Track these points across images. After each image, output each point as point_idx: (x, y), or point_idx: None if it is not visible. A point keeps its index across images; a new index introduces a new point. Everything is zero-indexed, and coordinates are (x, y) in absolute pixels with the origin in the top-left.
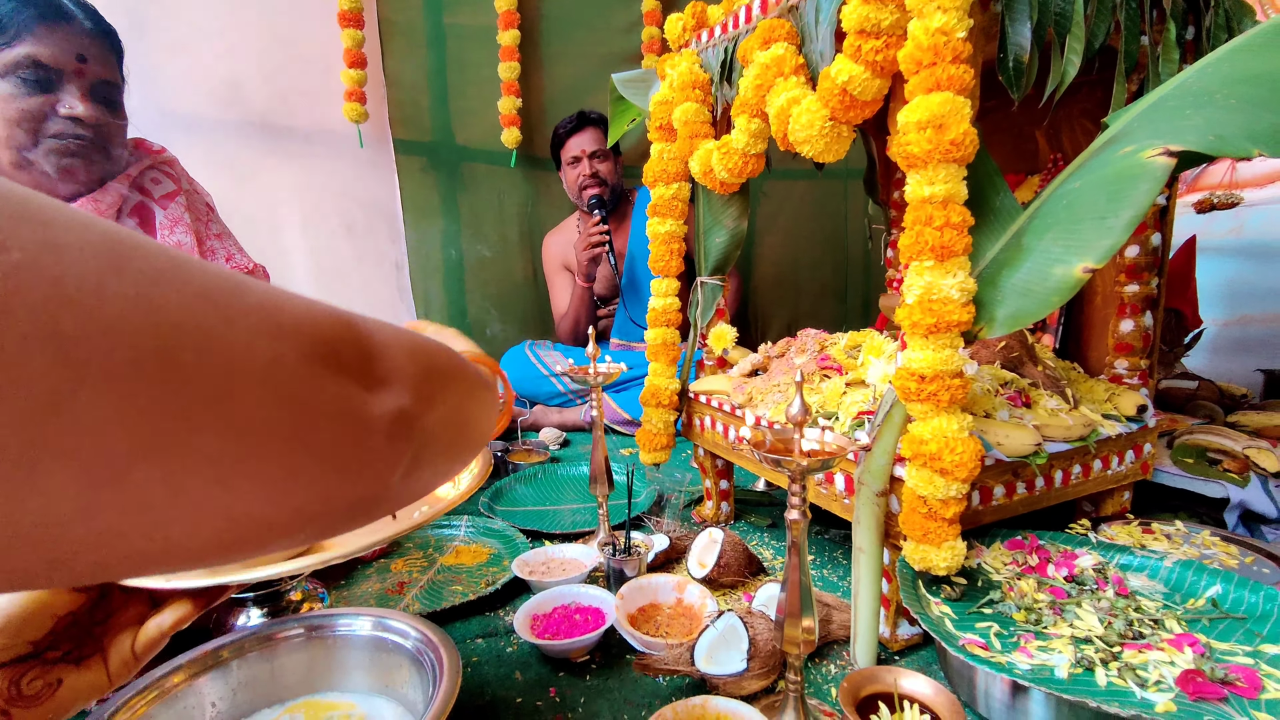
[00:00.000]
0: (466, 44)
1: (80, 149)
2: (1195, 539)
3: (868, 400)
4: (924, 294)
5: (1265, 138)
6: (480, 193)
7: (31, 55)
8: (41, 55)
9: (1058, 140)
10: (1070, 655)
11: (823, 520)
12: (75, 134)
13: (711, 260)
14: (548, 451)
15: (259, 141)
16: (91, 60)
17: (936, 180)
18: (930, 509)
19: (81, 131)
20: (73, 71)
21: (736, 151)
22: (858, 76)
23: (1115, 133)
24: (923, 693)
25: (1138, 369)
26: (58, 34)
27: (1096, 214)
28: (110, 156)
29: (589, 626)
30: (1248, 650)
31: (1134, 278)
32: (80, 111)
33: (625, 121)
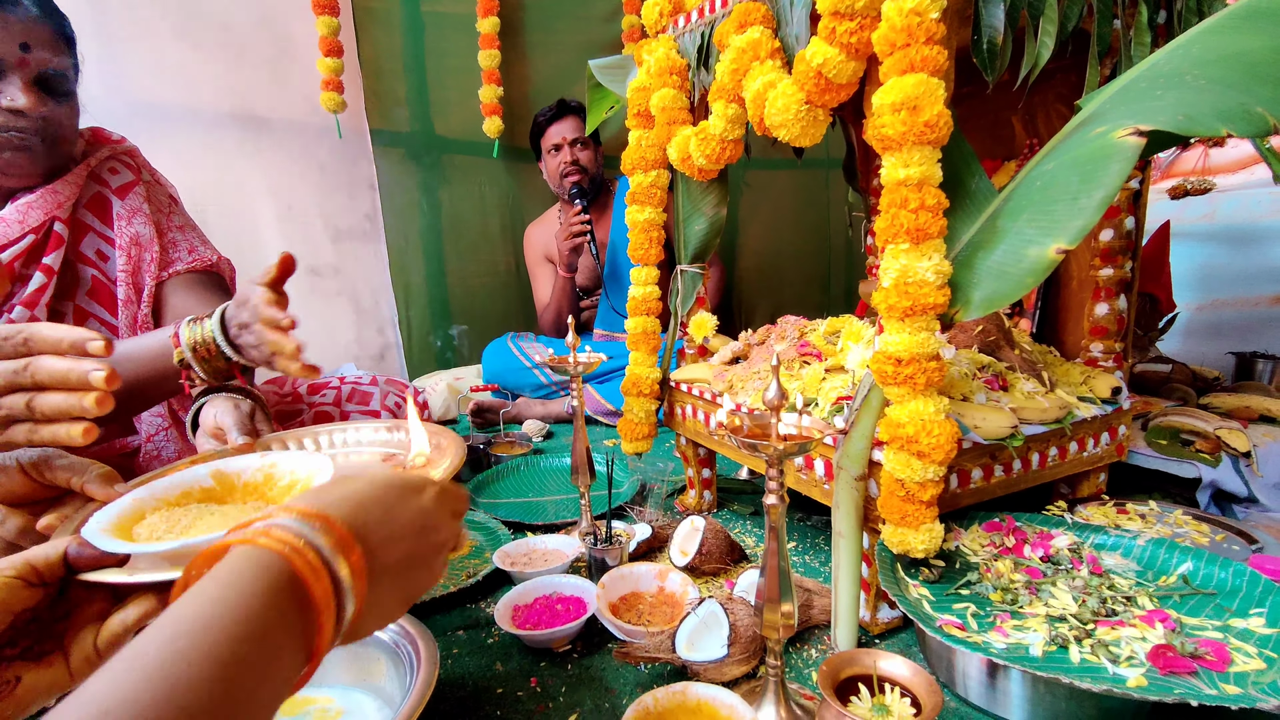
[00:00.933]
0: (445, 32)
1: (24, 143)
2: (1168, 518)
3: (847, 385)
4: (900, 277)
5: (1234, 117)
6: (461, 184)
7: None
8: None
9: (1033, 126)
10: (1045, 634)
11: (804, 507)
12: (18, 127)
13: (691, 248)
14: (530, 444)
15: (233, 132)
16: (36, 48)
17: (911, 163)
18: (908, 492)
19: (24, 124)
20: (15, 62)
21: (714, 138)
22: (833, 59)
23: (1088, 115)
24: (901, 674)
25: (1112, 352)
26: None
27: (1069, 195)
28: (58, 149)
29: (570, 616)
30: (1217, 625)
31: (1108, 261)
32: (22, 104)
33: (603, 109)
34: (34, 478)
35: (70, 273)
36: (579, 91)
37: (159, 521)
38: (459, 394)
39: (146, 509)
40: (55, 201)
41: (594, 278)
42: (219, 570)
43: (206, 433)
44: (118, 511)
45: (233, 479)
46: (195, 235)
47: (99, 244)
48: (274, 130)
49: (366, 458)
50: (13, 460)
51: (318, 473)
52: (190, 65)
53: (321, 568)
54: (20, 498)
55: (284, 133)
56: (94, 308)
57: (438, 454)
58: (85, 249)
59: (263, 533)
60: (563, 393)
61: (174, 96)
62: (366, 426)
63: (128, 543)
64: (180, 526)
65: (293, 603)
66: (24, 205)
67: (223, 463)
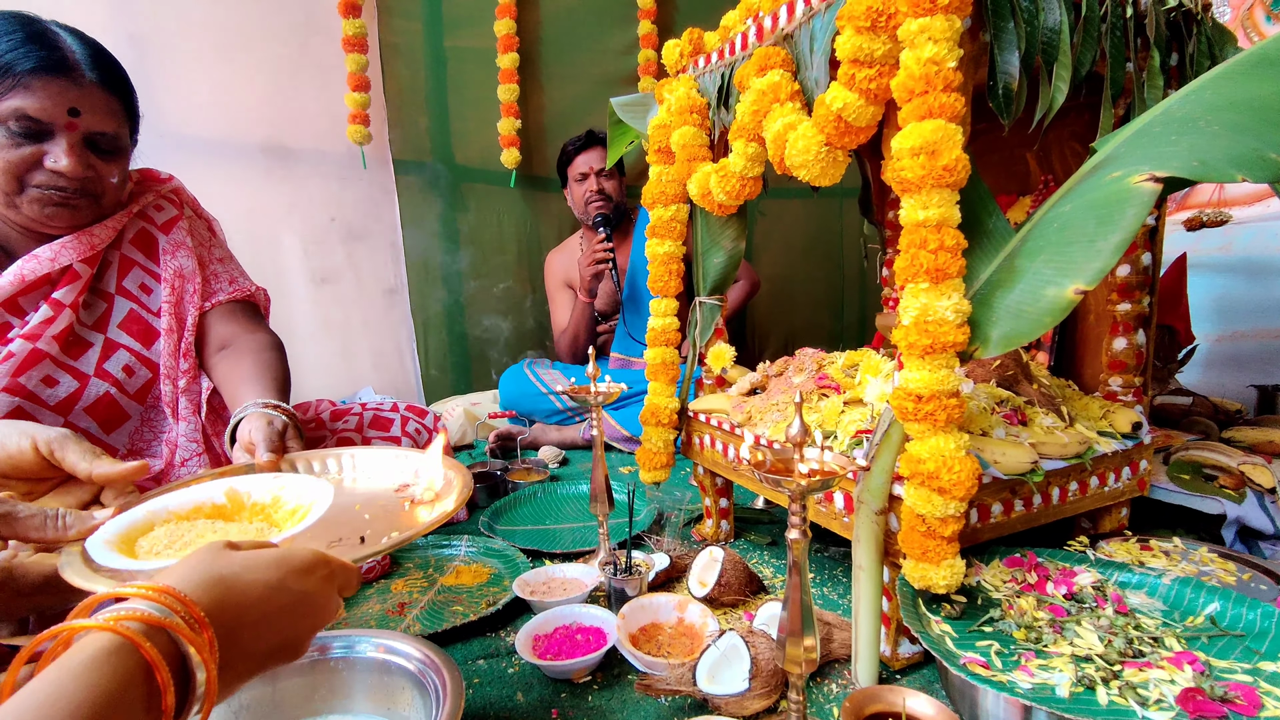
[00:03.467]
0: (466, 66)
1: (63, 200)
2: (1193, 555)
3: (865, 419)
4: (920, 315)
5: (1248, 163)
6: (479, 213)
7: (21, 109)
8: (30, 109)
9: (1048, 162)
10: (1071, 674)
11: (823, 538)
12: (58, 186)
13: (710, 280)
14: (547, 470)
15: (261, 163)
16: (86, 113)
17: (930, 205)
18: (929, 527)
19: (64, 184)
20: (63, 125)
21: (734, 175)
22: (852, 104)
23: (1103, 158)
24: (925, 712)
25: (1132, 386)
26: (52, 87)
27: (1086, 237)
28: (101, 202)
29: (591, 647)
30: (1247, 668)
31: (1126, 296)
32: (64, 166)
33: (624, 144)
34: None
35: (106, 305)
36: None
37: (163, 536)
38: (476, 420)
39: (157, 521)
40: (89, 245)
41: (613, 303)
42: (68, 659)
43: (241, 447)
44: (129, 522)
45: (243, 498)
46: (235, 267)
47: (143, 278)
48: (301, 161)
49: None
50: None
51: (319, 500)
52: (223, 100)
53: (171, 650)
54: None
55: (311, 163)
56: (123, 338)
57: (446, 489)
58: (128, 284)
59: (114, 618)
60: (578, 418)
61: (207, 129)
62: (386, 453)
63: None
64: (181, 543)
65: (139, 686)
66: (59, 246)
67: (237, 480)
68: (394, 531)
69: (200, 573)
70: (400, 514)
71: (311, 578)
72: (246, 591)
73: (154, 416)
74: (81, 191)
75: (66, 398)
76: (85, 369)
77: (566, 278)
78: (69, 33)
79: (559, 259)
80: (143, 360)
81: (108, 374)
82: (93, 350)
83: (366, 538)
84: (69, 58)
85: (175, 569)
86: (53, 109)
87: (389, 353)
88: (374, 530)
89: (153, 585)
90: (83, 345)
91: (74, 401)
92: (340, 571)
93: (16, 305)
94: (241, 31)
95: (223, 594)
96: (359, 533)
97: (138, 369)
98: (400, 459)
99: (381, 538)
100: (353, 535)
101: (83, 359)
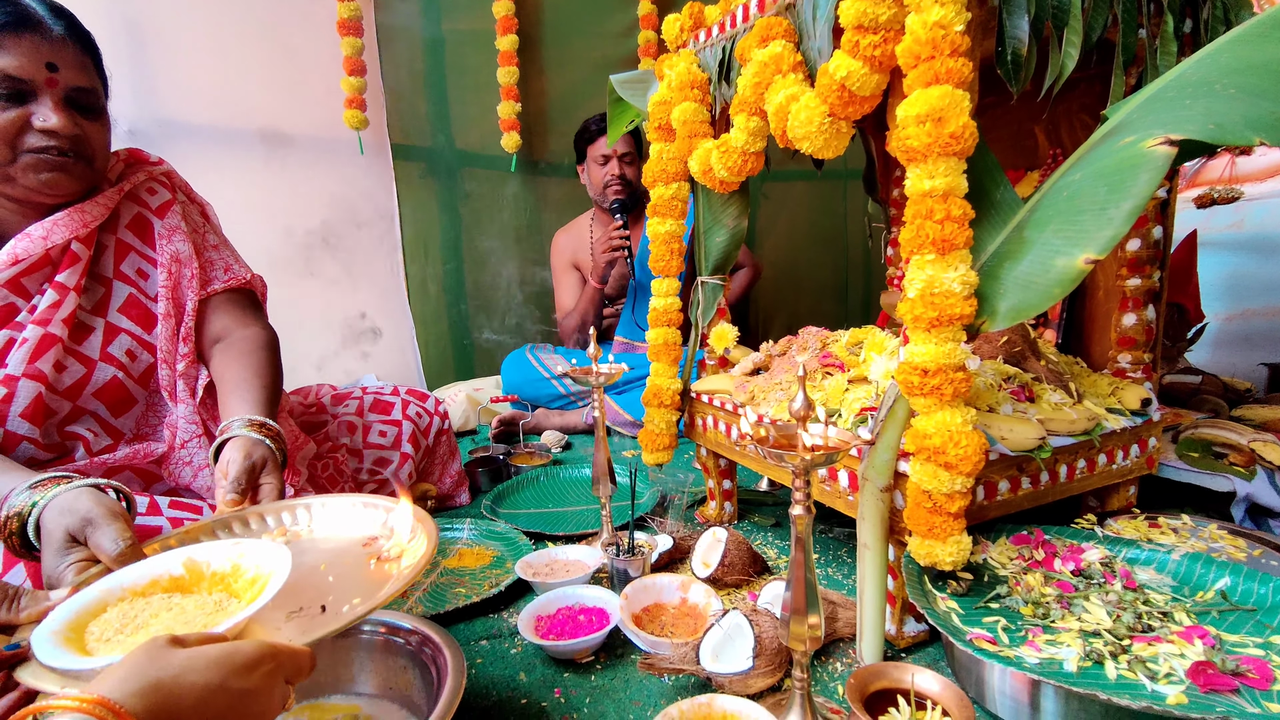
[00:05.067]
0: (465, 49)
1: (59, 162)
2: (1202, 532)
3: (870, 396)
4: (925, 287)
5: (1265, 126)
6: (480, 198)
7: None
8: (9, 68)
9: (1057, 135)
10: (1079, 649)
11: (828, 519)
12: (52, 146)
13: (712, 260)
14: (549, 454)
15: (259, 149)
16: (63, 67)
17: (936, 174)
18: (935, 503)
19: (59, 144)
20: (44, 82)
21: (736, 150)
22: (856, 72)
23: (1115, 124)
24: (930, 688)
25: (1141, 363)
26: (25, 43)
27: (1097, 205)
28: (94, 165)
29: (593, 627)
30: (1258, 642)
31: (1135, 271)
32: (55, 124)
33: (624, 123)
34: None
35: (104, 289)
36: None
37: (115, 618)
38: (478, 404)
39: (111, 600)
40: (81, 221)
41: (621, 287)
42: None
43: (220, 471)
44: (81, 605)
45: (201, 568)
46: (230, 253)
47: (140, 263)
48: (298, 146)
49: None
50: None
51: (278, 571)
52: (219, 85)
53: None
54: None
55: (307, 149)
56: (123, 323)
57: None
58: (125, 268)
59: None
60: (581, 403)
61: (203, 115)
62: (346, 501)
63: (69, 652)
64: (134, 625)
65: None
66: (50, 223)
67: (194, 550)
68: (356, 598)
69: (137, 678)
70: (365, 573)
71: (256, 674)
72: (184, 696)
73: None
74: (75, 152)
75: (75, 383)
76: (90, 354)
77: (574, 259)
78: None
79: (565, 239)
80: (143, 344)
81: (112, 358)
82: (95, 335)
83: (328, 605)
84: (33, 13)
85: (113, 672)
86: (30, 66)
87: (389, 339)
88: (336, 596)
89: (85, 696)
90: (85, 330)
91: (83, 386)
92: (289, 660)
93: (20, 286)
94: (238, 16)
95: (159, 700)
96: (322, 598)
97: (139, 353)
98: (368, 508)
99: (343, 605)
100: (314, 603)
101: (86, 344)
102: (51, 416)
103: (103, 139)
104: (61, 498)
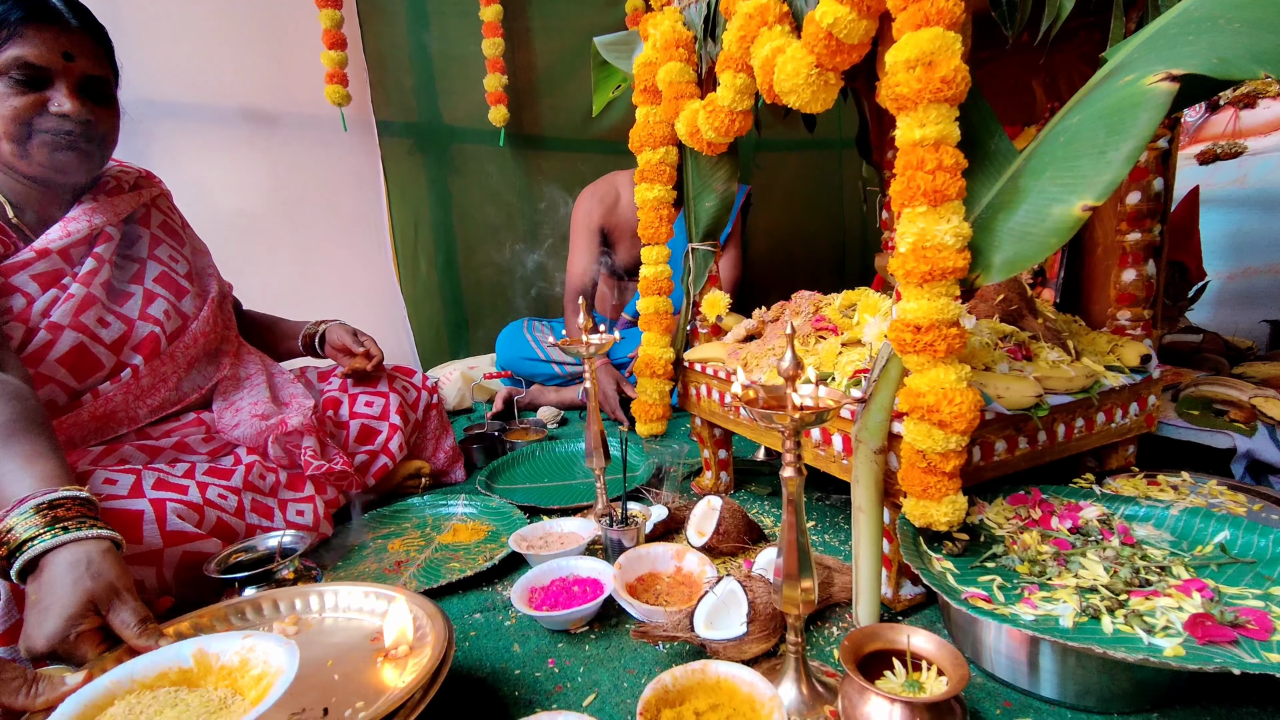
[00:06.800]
0: (448, 21)
1: (71, 143)
2: (1202, 489)
3: (864, 359)
4: (917, 241)
5: (1270, 58)
6: (468, 173)
7: (21, 57)
8: (30, 56)
9: (1055, 89)
10: (1075, 604)
11: (823, 485)
12: (65, 130)
13: (702, 226)
14: (545, 430)
15: (241, 128)
16: (79, 57)
17: (928, 121)
18: (930, 463)
19: (71, 127)
20: (60, 70)
21: (723, 110)
22: (843, 18)
23: (1116, 64)
24: (925, 648)
25: (1141, 320)
26: (46, 34)
27: (1096, 148)
28: (104, 150)
29: (587, 597)
30: (1258, 594)
31: (1136, 225)
32: (68, 109)
33: (609, 88)
34: None
35: (138, 267)
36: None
37: (121, 713)
38: (473, 382)
39: (119, 693)
40: (113, 209)
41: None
42: None
43: None
44: (89, 698)
45: (210, 660)
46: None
47: (171, 250)
48: (280, 124)
49: (356, 627)
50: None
51: (286, 671)
52: (198, 62)
53: None
54: None
55: (290, 127)
56: (159, 290)
57: (419, 644)
58: (159, 253)
59: None
60: (576, 381)
61: (182, 93)
62: (356, 591)
63: None
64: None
65: None
66: (89, 209)
67: (205, 641)
68: (359, 702)
69: None
70: (370, 673)
71: None
72: None
73: None
74: (86, 136)
75: (118, 338)
76: (130, 314)
77: (603, 221)
78: None
79: (594, 202)
80: (176, 310)
81: (150, 316)
82: (134, 299)
83: (330, 708)
84: (53, 6)
85: None
86: (49, 54)
87: (380, 320)
88: (339, 699)
89: None
90: (125, 295)
91: (124, 341)
92: None
93: (69, 255)
94: None
95: None
96: (325, 699)
97: (174, 315)
98: (369, 596)
99: (346, 709)
100: (316, 705)
101: (127, 305)
102: (98, 370)
103: (112, 124)
104: (76, 549)
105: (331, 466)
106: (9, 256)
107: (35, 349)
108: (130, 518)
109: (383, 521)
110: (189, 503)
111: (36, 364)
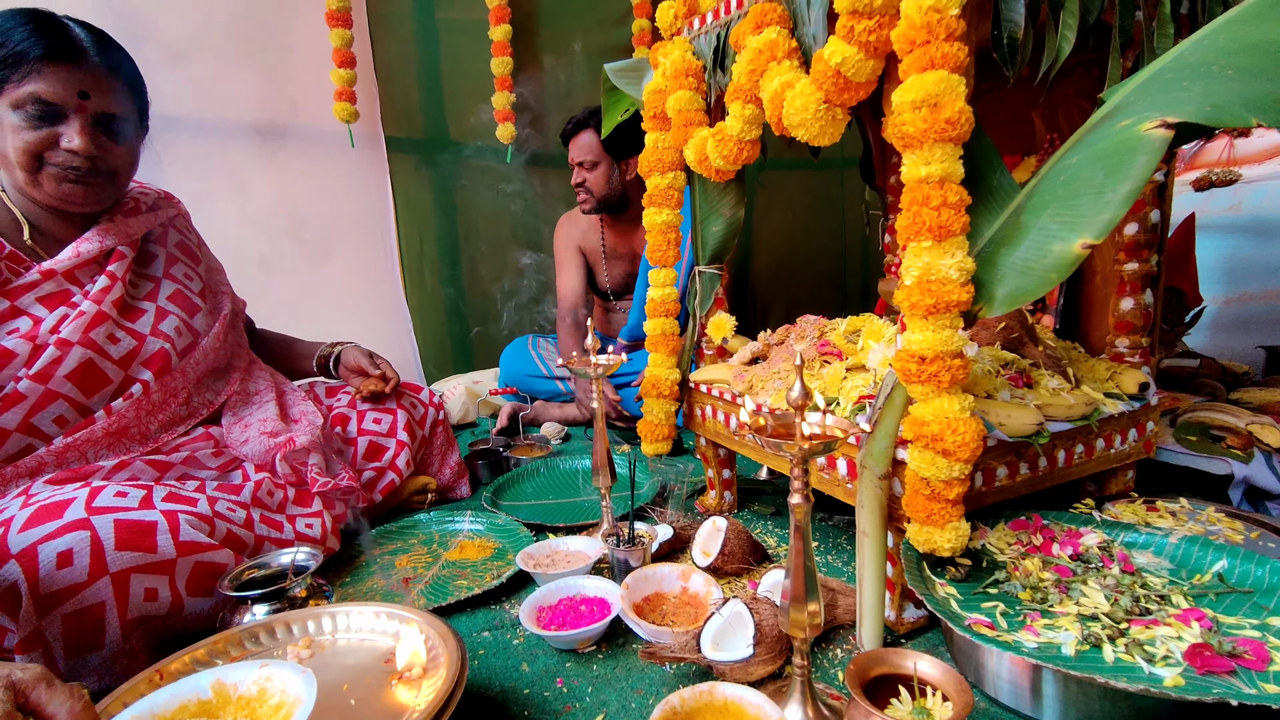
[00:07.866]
0: (458, 39)
1: (79, 177)
2: (1200, 516)
3: (868, 385)
4: (922, 274)
5: (1262, 107)
6: (476, 189)
7: (36, 93)
8: (44, 93)
9: (1054, 121)
10: (1077, 632)
11: (826, 506)
12: (73, 165)
13: (709, 249)
14: (550, 446)
15: (251, 143)
16: (94, 94)
17: (933, 160)
18: (933, 490)
19: (78, 163)
20: (75, 107)
21: (731, 138)
22: (851, 58)
23: (1112, 107)
24: (929, 673)
25: (1139, 347)
26: (63, 72)
27: (1094, 189)
28: (114, 183)
29: (594, 617)
30: (1255, 623)
31: (1133, 255)
32: (77, 145)
33: (619, 113)
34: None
35: (153, 285)
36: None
37: None
38: (478, 397)
39: None
40: (126, 231)
41: (628, 284)
42: None
43: None
44: None
45: (229, 691)
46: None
47: (186, 269)
48: (290, 140)
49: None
50: None
51: (304, 700)
52: (210, 79)
53: None
54: None
55: (300, 142)
56: (171, 308)
57: (433, 665)
58: (174, 272)
59: None
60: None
61: (194, 109)
62: (368, 611)
63: None
64: None
65: None
66: (103, 230)
67: (223, 671)
68: None
69: None
70: (386, 696)
71: None
72: None
73: None
74: (94, 170)
75: (127, 353)
76: (142, 330)
77: (580, 242)
78: (78, 24)
79: (571, 227)
80: (188, 327)
81: (161, 332)
82: (147, 315)
83: None
84: (77, 44)
85: None
86: (64, 92)
87: (386, 334)
88: None
89: None
90: (138, 312)
91: (133, 357)
92: None
93: (75, 277)
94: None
95: None
96: None
97: (185, 331)
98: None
99: None
100: None
101: (139, 322)
102: (105, 385)
103: (126, 159)
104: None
105: (338, 483)
106: (15, 280)
107: (44, 365)
108: (144, 528)
109: (390, 537)
110: (200, 514)
111: (45, 380)
